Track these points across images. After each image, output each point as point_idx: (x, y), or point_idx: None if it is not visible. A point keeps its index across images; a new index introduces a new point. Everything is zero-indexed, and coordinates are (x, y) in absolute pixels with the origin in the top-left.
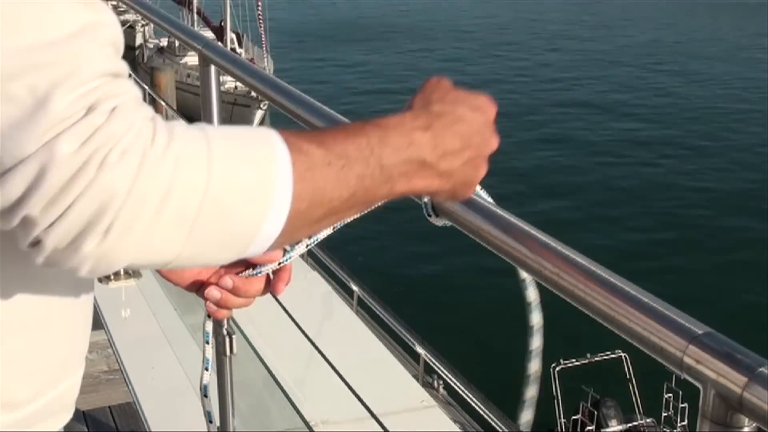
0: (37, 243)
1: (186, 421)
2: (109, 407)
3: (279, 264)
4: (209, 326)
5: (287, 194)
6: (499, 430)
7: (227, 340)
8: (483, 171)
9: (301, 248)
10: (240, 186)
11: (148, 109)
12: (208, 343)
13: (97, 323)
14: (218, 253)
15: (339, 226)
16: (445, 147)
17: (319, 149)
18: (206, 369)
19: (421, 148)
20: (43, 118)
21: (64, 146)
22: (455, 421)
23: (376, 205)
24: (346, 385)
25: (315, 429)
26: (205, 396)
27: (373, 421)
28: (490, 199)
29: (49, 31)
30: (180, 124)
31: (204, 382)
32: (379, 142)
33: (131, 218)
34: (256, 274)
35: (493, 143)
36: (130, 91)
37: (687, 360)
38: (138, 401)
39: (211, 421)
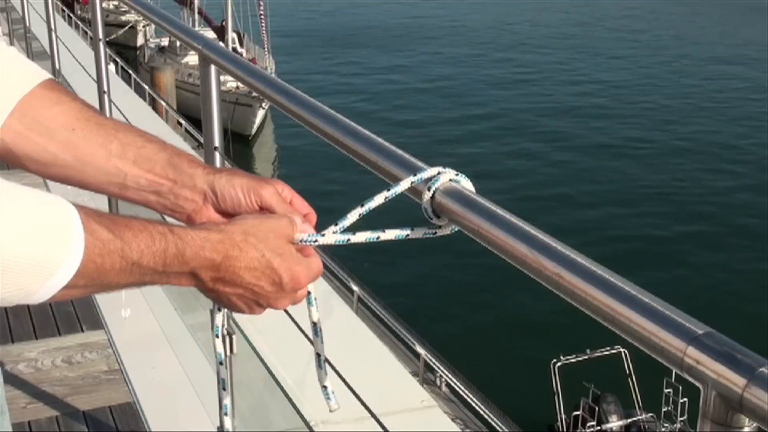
0: None
1: (186, 421)
2: (109, 407)
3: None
4: (219, 320)
5: (73, 266)
6: (499, 430)
7: (227, 340)
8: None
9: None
10: (30, 257)
11: None
12: (218, 337)
13: (97, 323)
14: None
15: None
16: (226, 282)
17: (103, 232)
18: (221, 363)
19: (204, 273)
20: None
21: None
22: (456, 420)
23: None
24: (346, 385)
25: (315, 429)
26: (224, 389)
27: (373, 421)
28: (471, 187)
29: None
30: None
31: (222, 376)
32: (175, 254)
33: None
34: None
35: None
36: None
37: (687, 360)
38: (138, 401)
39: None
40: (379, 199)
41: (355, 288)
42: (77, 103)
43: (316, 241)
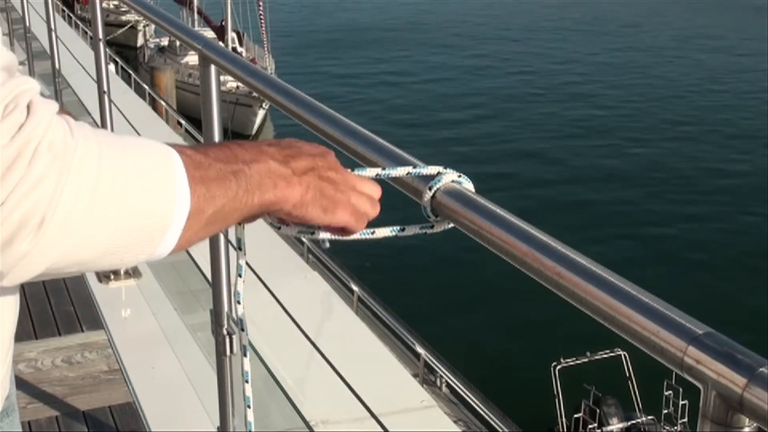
0: None
1: (186, 421)
2: (109, 407)
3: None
4: (243, 260)
5: (185, 190)
6: (500, 430)
7: (227, 340)
8: (342, 191)
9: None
10: (150, 181)
11: (54, 103)
12: (240, 276)
13: (97, 323)
14: (134, 250)
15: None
16: (296, 163)
17: (197, 155)
18: (238, 302)
19: (273, 155)
20: None
21: None
22: (456, 421)
23: (251, 216)
24: (346, 385)
25: (315, 429)
26: (238, 302)
27: (373, 421)
28: (472, 188)
29: None
30: (73, 120)
31: (238, 289)
32: (240, 151)
33: (64, 210)
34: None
35: (343, 175)
36: (34, 85)
37: (687, 360)
38: (138, 401)
39: (243, 330)
40: None
41: (355, 288)
42: None
43: (312, 233)
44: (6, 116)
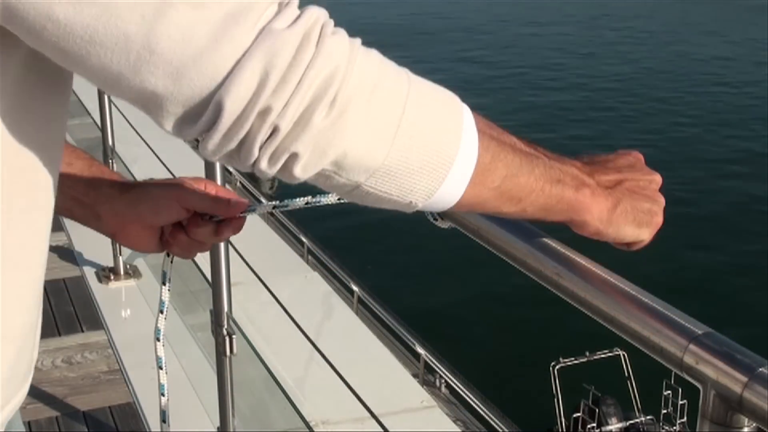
0: (271, 134)
1: (186, 421)
2: (109, 407)
3: (241, 215)
4: (167, 266)
5: (473, 134)
6: (499, 430)
7: (227, 340)
8: (658, 201)
9: (266, 208)
10: (435, 109)
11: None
12: (165, 284)
13: (97, 323)
14: (417, 174)
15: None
16: (599, 176)
17: (492, 129)
18: (161, 312)
19: (574, 163)
20: (251, 11)
21: (280, 26)
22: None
23: (552, 211)
24: (346, 385)
25: (315, 429)
26: (158, 340)
27: (373, 421)
28: None
29: None
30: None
31: (158, 325)
32: (536, 147)
33: (353, 90)
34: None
35: (654, 177)
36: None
37: (687, 360)
38: (138, 401)
39: (161, 368)
40: None
41: (355, 288)
42: None
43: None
44: (285, 7)
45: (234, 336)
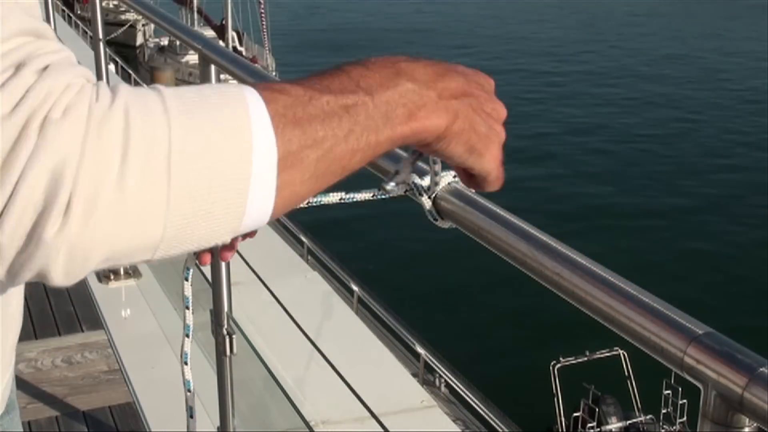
0: None
1: (186, 421)
2: (109, 407)
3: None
4: (188, 290)
5: (268, 132)
6: (499, 430)
7: (227, 340)
8: (497, 131)
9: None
10: (211, 144)
11: (86, 71)
12: (188, 308)
13: (97, 323)
14: (211, 222)
15: (348, 200)
16: (444, 83)
17: (294, 88)
18: (187, 308)
19: (413, 73)
20: None
21: None
22: (456, 420)
23: (381, 153)
24: (346, 385)
25: (315, 429)
26: (187, 336)
27: (373, 421)
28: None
29: None
30: (124, 84)
31: (187, 321)
32: (363, 74)
33: (93, 186)
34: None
35: (499, 107)
36: (62, 51)
37: (687, 360)
38: (138, 401)
39: (186, 363)
40: (366, 194)
41: (355, 288)
42: None
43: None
44: (10, 79)
45: (234, 336)
